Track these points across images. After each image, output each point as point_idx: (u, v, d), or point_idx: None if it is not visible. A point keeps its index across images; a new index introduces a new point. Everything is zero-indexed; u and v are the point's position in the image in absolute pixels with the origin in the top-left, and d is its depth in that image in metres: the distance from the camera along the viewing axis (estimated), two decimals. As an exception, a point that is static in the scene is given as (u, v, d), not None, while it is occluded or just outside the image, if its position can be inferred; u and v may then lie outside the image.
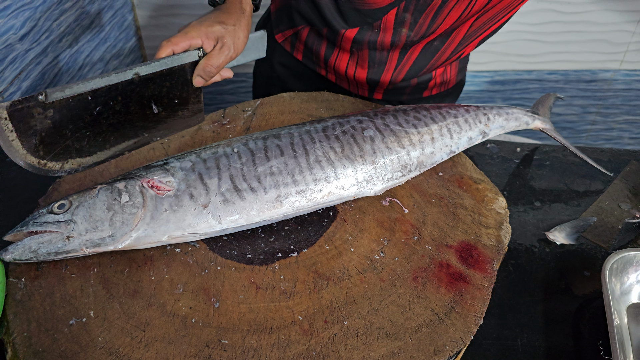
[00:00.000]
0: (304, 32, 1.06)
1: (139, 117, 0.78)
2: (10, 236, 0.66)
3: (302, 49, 1.09)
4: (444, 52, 0.99)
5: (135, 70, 0.74)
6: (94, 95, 0.72)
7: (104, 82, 0.72)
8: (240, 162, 0.71)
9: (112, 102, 0.74)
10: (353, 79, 1.07)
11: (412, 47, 0.98)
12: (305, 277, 0.66)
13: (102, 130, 0.75)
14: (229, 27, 0.80)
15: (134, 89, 0.75)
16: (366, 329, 0.61)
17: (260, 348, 0.59)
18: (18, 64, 1.16)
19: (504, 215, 0.76)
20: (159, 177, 0.69)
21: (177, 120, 0.83)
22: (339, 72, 1.07)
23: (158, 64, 0.76)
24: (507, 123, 0.87)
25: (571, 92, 1.96)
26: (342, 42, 1.01)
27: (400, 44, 0.96)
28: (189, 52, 0.78)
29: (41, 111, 0.68)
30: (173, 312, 0.62)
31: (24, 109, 0.66)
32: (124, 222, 0.65)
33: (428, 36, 0.95)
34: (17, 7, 1.14)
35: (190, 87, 0.81)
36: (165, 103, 0.80)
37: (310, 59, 1.10)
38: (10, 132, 0.66)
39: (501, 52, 1.85)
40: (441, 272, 0.68)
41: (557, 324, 0.71)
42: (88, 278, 0.66)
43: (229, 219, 0.68)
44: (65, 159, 0.72)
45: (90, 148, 0.75)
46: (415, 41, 0.96)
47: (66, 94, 0.69)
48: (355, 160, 0.73)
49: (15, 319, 0.61)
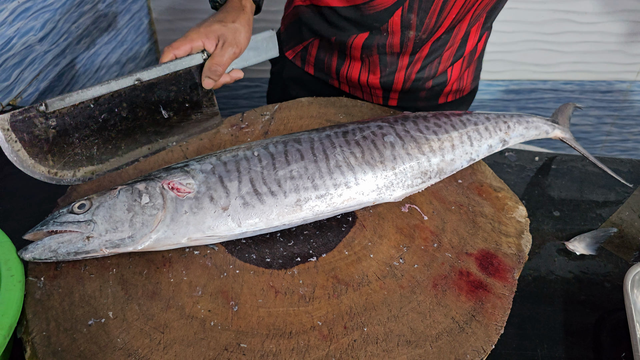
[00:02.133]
0: (313, 45, 1.07)
1: (149, 122, 0.78)
2: (30, 235, 0.66)
3: (313, 62, 1.10)
4: (452, 45, 1.00)
5: (136, 76, 0.75)
6: (96, 103, 0.72)
7: (104, 89, 0.72)
8: (261, 166, 0.70)
9: (117, 108, 0.74)
10: (367, 86, 1.07)
11: (422, 46, 0.99)
12: (325, 282, 0.66)
13: (111, 137, 0.75)
14: (228, 24, 0.80)
15: (138, 94, 0.76)
16: (386, 335, 0.61)
17: (280, 353, 0.59)
18: (37, 65, 1.17)
19: (524, 224, 0.76)
20: (179, 179, 0.69)
21: (193, 124, 0.83)
22: (352, 81, 1.08)
23: (160, 69, 0.76)
24: (527, 132, 0.86)
25: (587, 103, 1.95)
26: (352, 51, 1.02)
27: (410, 44, 0.97)
28: (192, 56, 0.79)
29: (43, 120, 0.69)
30: (192, 315, 0.62)
31: (26, 119, 0.67)
32: (144, 223, 0.65)
33: (435, 33, 0.95)
34: (38, 9, 1.15)
35: (200, 90, 0.82)
36: (175, 107, 0.80)
37: (322, 72, 1.11)
38: (14, 143, 0.67)
39: (517, 61, 1.85)
40: (461, 280, 0.67)
41: (577, 335, 0.70)
42: (107, 279, 0.66)
43: (249, 222, 0.67)
44: (77, 167, 0.72)
45: (101, 155, 0.75)
46: (424, 40, 0.97)
47: (66, 102, 0.70)
48: (375, 166, 0.73)
49: (34, 318, 0.61)
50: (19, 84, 1.11)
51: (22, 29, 1.10)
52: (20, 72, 1.11)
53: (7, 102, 1.08)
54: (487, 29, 1.06)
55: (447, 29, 0.96)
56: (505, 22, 1.78)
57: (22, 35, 1.10)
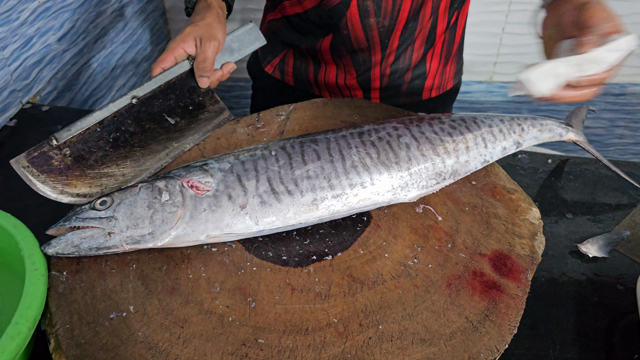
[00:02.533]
0: (289, 56, 1.11)
1: (159, 131, 0.81)
2: (53, 230, 0.68)
3: (291, 73, 1.14)
4: (422, 30, 1.01)
5: (132, 94, 0.78)
6: (101, 126, 0.76)
7: (105, 112, 0.76)
8: (278, 165, 0.72)
9: (124, 126, 0.78)
10: (345, 88, 1.10)
11: (390, 37, 1.00)
12: (340, 280, 0.67)
13: (126, 153, 0.78)
14: (199, 24, 0.84)
15: (140, 109, 0.79)
16: (401, 333, 0.62)
17: (296, 349, 0.60)
18: (56, 63, 1.19)
19: (538, 226, 0.76)
20: (198, 177, 0.70)
21: (203, 123, 0.86)
22: (331, 85, 1.11)
23: (152, 82, 0.80)
24: (541, 134, 0.87)
25: (599, 105, 1.95)
26: (323, 55, 1.05)
27: (375, 35, 0.99)
28: (179, 64, 0.83)
29: (57, 152, 0.72)
30: (210, 310, 0.63)
31: (41, 155, 0.71)
32: (164, 220, 0.67)
33: (397, 18, 0.97)
34: (57, 8, 1.17)
35: (199, 92, 0.85)
36: (179, 112, 0.83)
37: (301, 82, 1.14)
38: (38, 176, 0.70)
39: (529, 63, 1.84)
40: (475, 280, 0.68)
41: (590, 337, 0.70)
42: (127, 274, 0.67)
43: (266, 221, 0.69)
44: (102, 185, 0.75)
45: (122, 170, 0.77)
46: (389, 27, 0.98)
47: (73, 132, 0.73)
48: (390, 167, 0.74)
49: (58, 311, 0.63)
50: (38, 82, 1.13)
51: (42, 28, 1.12)
52: (40, 70, 1.13)
53: (27, 100, 1.10)
54: (456, 9, 1.05)
55: (411, 13, 0.97)
56: (519, 24, 1.78)
57: (42, 34, 1.12)
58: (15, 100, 1.06)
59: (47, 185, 0.71)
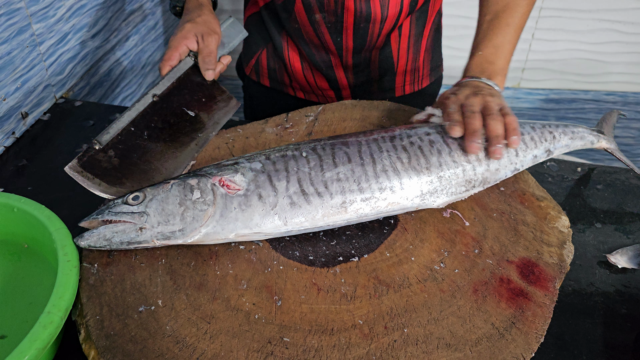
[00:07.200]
0: (262, 56, 1.14)
1: (183, 124, 0.85)
2: (86, 223, 0.69)
3: (266, 74, 1.16)
4: (375, 23, 1.01)
5: (151, 92, 0.83)
6: (134, 125, 0.80)
7: (134, 112, 0.81)
8: (309, 167, 0.72)
9: (153, 123, 0.82)
10: (317, 88, 1.12)
11: (342, 33, 1.02)
12: (366, 282, 0.67)
13: (161, 148, 0.81)
14: (197, 20, 0.89)
15: (162, 106, 0.84)
16: (426, 337, 0.62)
17: (321, 348, 0.60)
18: (89, 60, 1.22)
19: (567, 235, 0.76)
20: (229, 176, 0.71)
21: (217, 112, 0.90)
22: (303, 85, 1.13)
23: (165, 80, 0.86)
24: (572, 142, 0.86)
25: (629, 115, 1.92)
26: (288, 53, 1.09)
27: (325, 31, 1.01)
28: (183, 61, 0.88)
29: (104, 154, 0.76)
30: (237, 307, 0.64)
31: (90, 158, 0.75)
32: (195, 217, 0.68)
33: (342, 13, 0.99)
34: (92, 6, 1.19)
35: (206, 84, 0.89)
36: (196, 105, 0.87)
37: (276, 82, 1.16)
38: (93, 180, 0.74)
39: (558, 70, 1.82)
40: (502, 286, 0.68)
41: (617, 349, 0.69)
42: (156, 268, 0.68)
43: (295, 221, 0.69)
44: (149, 180, 0.78)
45: (163, 164, 0.81)
46: (336, 23, 1.00)
47: (112, 134, 0.78)
48: (421, 172, 0.74)
49: (89, 302, 0.64)
50: (71, 78, 1.15)
51: (77, 25, 1.14)
52: (74, 66, 1.16)
53: (61, 94, 1.12)
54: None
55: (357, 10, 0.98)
56: (548, 30, 1.76)
57: (76, 31, 1.15)
58: (50, 95, 1.08)
59: (103, 187, 0.74)
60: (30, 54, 1.00)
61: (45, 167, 0.92)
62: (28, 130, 1.01)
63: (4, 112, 0.95)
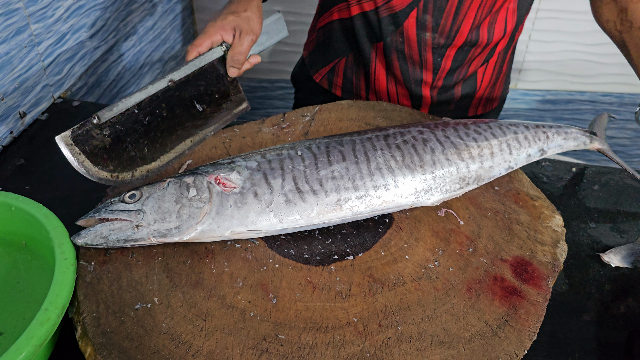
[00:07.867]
0: (340, 65, 1.11)
1: (186, 118, 0.84)
2: (83, 221, 0.70)
3: (340, 83, 1.13)
4: (477, 48, 1.02)
5: (169, 77, 0.80)
6: (139, 108, 0.78)
7: (144, 94, 0.78)
8: (304, 165, 0.73)
9: (158, 110, 0.80)
10: (396, 97, 1.10)
11: (444, 55, 1.00)
12: (361, 280, 0.68)
13: (157, 137, 0.81)
14: (241, 14, 0.85)
15: (173, 94, 0.81)
16: (420, 335, 0.62)
17: (316, 345, 0.61)
18: (87, 60, 1.22)
19: (560, 234, 0.76)
20: (225, 174, 0.72)
21: (224, 112, 0.88)
22: (382, 97, 1.11)
23: (187, 67, 0.82)
24: (565, 142, 0.87)
25: (625, 116, 1.93)
26: (376, 64, 1.06)
27: (428, 50, 0.99)
28: (213, 50, 0.84)
29: (99, 132, 0.75)
30: (232, 305, 0.64)
31: (84, 132, 0.73)
32: (191, 215, 0.68)
33: (454, 37, 0.97)
34: (90, 6, 1.20)
35: (226, 80, 0.87)
36: (206, 100, 0.86)
37: (350, 93, 1.13)
38: (79, 155, 0.73)
39: (555, 71, 1.83)
40: (495, 285, 0.68)
41: (610, 347, 0.70)
42: (153, 266, 0.69)
43: (290, 219, 0.70)
44: (134, 168, 0.78)
45: (152, 154, 0.81)
46: (444, 46, 0.98)
47: (114, 112, 0.76)
48: (415, 170, 0.74)
49: (85, 300, 0.64)
50: (69, 78, 1.16)
51: (75, 25, 1.15)
52: (72, 66, 1.16)
53: (59, 95, 1.12)
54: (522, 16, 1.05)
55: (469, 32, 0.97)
56: (545, 31, 1.77)
57: (75, 31, 1.15)
58: (48, 95, 1.09)
59: (86, 165, 0.73)
60: (28, 54, 1.01)
61: (43, 166, 0.93)
62: (26, 130, 1.02)
63: (2, 111, 0.96)
